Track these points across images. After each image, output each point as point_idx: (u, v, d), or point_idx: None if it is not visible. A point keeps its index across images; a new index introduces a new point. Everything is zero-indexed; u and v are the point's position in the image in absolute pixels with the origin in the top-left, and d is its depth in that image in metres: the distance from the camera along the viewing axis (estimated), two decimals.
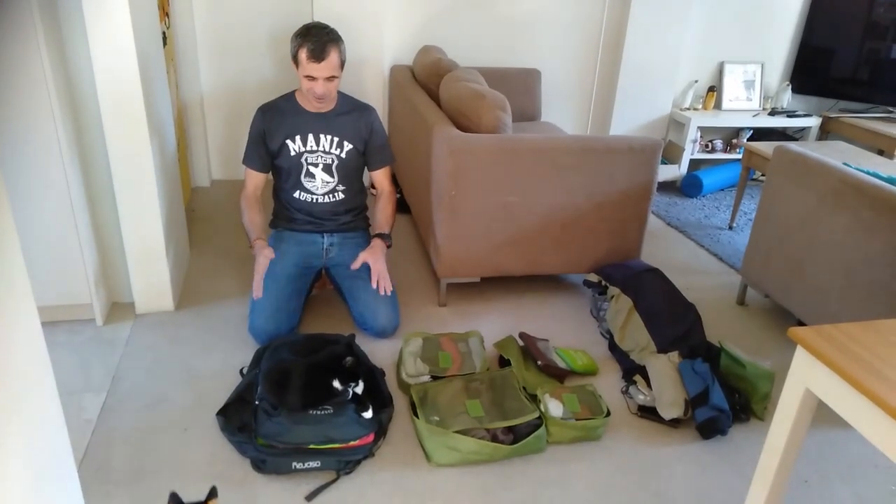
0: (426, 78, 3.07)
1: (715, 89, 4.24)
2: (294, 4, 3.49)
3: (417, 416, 1.88)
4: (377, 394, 1.96)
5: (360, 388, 1.85)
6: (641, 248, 2.69)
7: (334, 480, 1.74)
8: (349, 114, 2.37)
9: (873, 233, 2.06)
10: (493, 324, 2.52)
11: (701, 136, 4.22)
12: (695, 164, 4.31)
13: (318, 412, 1.77)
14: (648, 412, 2.07)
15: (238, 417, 1.85)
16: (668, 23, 3.90)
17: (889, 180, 2.18)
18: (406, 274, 2.85)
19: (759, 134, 4.30)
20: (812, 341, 1.24)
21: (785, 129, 4.32)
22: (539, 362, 2.18)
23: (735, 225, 3.65)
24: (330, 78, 2.21)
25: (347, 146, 2.37)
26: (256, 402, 1.82)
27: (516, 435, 1.85)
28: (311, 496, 1.69)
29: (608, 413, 1.98)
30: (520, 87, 3.77)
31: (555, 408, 1.95)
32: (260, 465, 1.75)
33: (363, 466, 1.80)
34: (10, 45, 1.93)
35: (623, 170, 2.50)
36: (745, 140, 4.24)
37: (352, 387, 1.82)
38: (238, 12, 3.48)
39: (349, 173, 2.41)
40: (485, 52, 3.87)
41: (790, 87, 4.30)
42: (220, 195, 3.62)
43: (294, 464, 1.74)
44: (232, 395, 1.97)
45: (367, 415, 1.80)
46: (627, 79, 4.00)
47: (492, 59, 3.89)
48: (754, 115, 4.19)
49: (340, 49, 2.22)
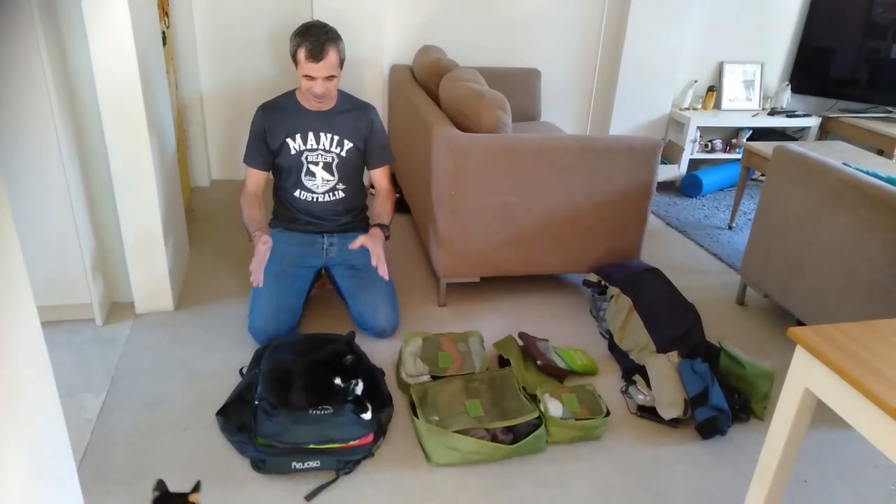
0: (426, 78, 3.07)
1: (714, 89, 4.24)
2: (294, 4, 3.49)
3: (417, 416, 1.88)
4: (377, 394, 1.96)
5: (360, 388, 1.85)
6: (641, 247, 2.69)
7: (334, 480, 1.74)
8: (349, 112, 2.37)
9: (873, 233, 2.06)
10: (493, 324, 2.52)
11: (700, 136, 4.22)
12: (694, 163, 4.31)
13: (317, 412, 1.77)
14: (648, 412, 2.07)
15: (238, 417, 1.85)
16: (667, 22, 3.90)
17: (888, 180, 2.18)
18: (406, 274, 2.85)
19: (759, 134, 4.30)
20: (811, 341, 1.24)
21: (784, 129, 4.32)
22: (539, 362, 2.18)
23: (735, 225, 3.65)
24: (329, 77, 2.21)
25: (348, 145, 2.36)
26: (256, 402, 1.82)
27: (516, 435, 1.85)
28: (310, 496, 1.69)
29: (608, 413, 1.98)
30: (519, 87, 3.77)
31: (554, 408, 1.95)
32: (259, 465, 1.75)
33: (363, 466, 1.80)
34: (9, 45, 1.93)
35: (623, 170, 2.50)
36: (744, 140, 4.24)
37: (353, 384, 1.83)
38: (238, 12, 3.48)
39: (349, 172, 2.41)
40: (484, 51, 3.87)
41: (790, 86, 4.30)
42: (220, 195, 3.62)
43: (294, 464, 1.74)
44: (232, 395, 1.97)
45: (366, 416, 1.80)
46: (627, 78, 4.00)
47: (491, 58, 3.89)
48: (754, 115, 4.19)
49: (339, 48, 2.22)
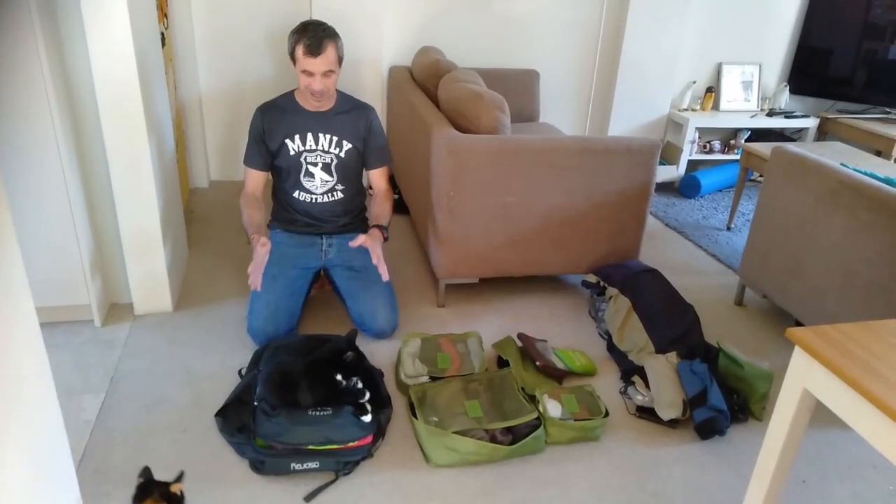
0: (425, 79, 3.07)
1: (713, 90, 4.25)
2: (292, 5, 3.49)
3: (416, 417, 1.88)
4: (376, 395, 1.96)
5: (360, 387, 1.85)
6: (640, 248, 2.69)
7: (333, 481, 1.74)
8: (348, 113, 2.37)
9: (871, 233, 2.07)
10: (492, 324, 2.53)
11: (699, 137, 4.22)
12: (693, 164, 4.32)
13: (317, 413, 1.77)
14: (647, 413, 2.07)
15: (237, 418, 1.85)
16: (666, 23, 3.91)
17: (886, 181, 2.19)
18: (405, 275, 2.85)
19: (757, 135, 4.30)
20: (810, 342, 1.24)
21: (783, 129, 4.33)
22: (537, 363, 2.18)
23: (733, 225, 3.66)
24: (327, 73, 2.20)
25: (347, 145, 2.36)
26: (255, 403, 1.82)
27: (515, 435, 1.85)
28: (309, 497, 1.69)
29: (606, 413, 1.98)
30: (518, 88, 3.77)
31: (553, 408, 1.95)
32: (259, 466, 1.75)
33: (362, 467, 1.80)
34: (8, 46, 1.93)
35: (621, 170, 2.50)
36: (743, 141, 4.24)
37: (354, 382, 1.82)
38: (236, 13, 3.48)
39: (348, 173, 2.41)
40: (483, 52, 3.88)
41: (788, 87, 4.30)
42: (219, 196, 3.62)
43: (293, 465, 1.74)
44: (231, 396, 1.97)
45: (366, 418, 1.80)
46: (626, 79, 4.00)
47: (490, 59, 3.89)
48: (752, 116, 4.20)
49: (337, 45, 2.21)
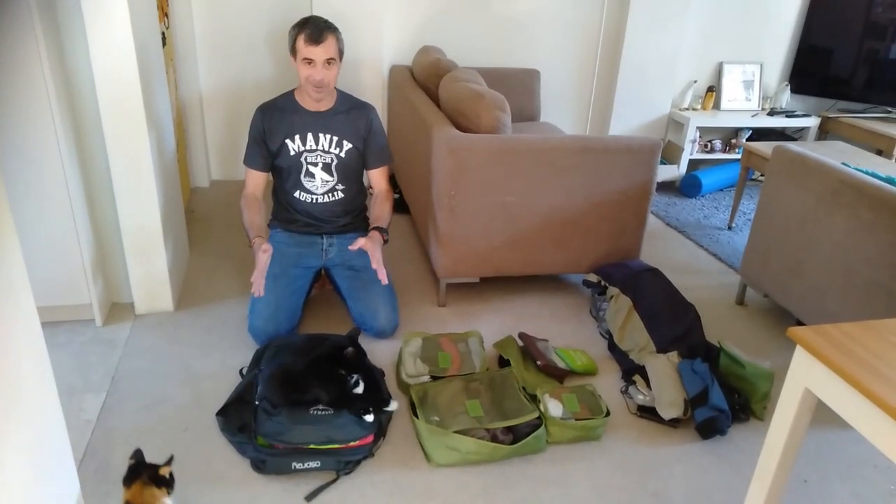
0: (425, 78, 3.07)
1: (714, 89, 4.24)
2: (293, 4, 3.49)
3: (417, 417, 1.88)
4: (377, 394, 1.96)
5: (360, 389, 1.85)
6: (641, 248, 2.69)
7: (334, 481, 1.74)
8: (348, 112, 2.37)
9: (872, 232, 2.06)
10: (493, 324, 2.52)
11: (700, 137, 4.22)
12: (694, 164, 4.31)
13: (318, 412, 1.77)
14: (648, 412, 2.07)
15: (238, 418, 1.85)
16: (666, 23, 3.90)
17: (888, 180, 2.18)
18: (405, 274, 2.85)
19: (758, 134, 4.30)
20: (811, 341, 1.24)
21: (784, 129, 4.33)
22: (538, 362, 2.18)
23: (734, 225, 3.65)
24: (329, 62, 2.20)
25: (347, 145, 2.36)
26: (256, 403, 1.82)
27: (516, 435, 1.85)
28: (310, 496, 1.69)
29: (608, 413, 1.98)
30: (519, 88, 3.77)
31: (554, 408, 1.95)
32: (260, 466, 1.75)
33: (363, 467, 1.80)
34: (9, 45, 1.93)
35: (622, 170, 2.50)
36: (744, 140, 4.24)
37: (354, 379, 1.82)
38: (237, 12, 3.48)
39: (349, 173, 2.41)
40: (484, 52, 3.87)
41: (789, 87, 4.30)
42: (220, 196, 3.62)
43: (294, 464, 1.74)
44: (231, 395, 1.97)
45: (368, 418, 1.80)
46: (626, 79, 4.00)
47: (491, 59, 3.89)
48: (753, 116, 4.20)
49: (338, 37, 2.22)
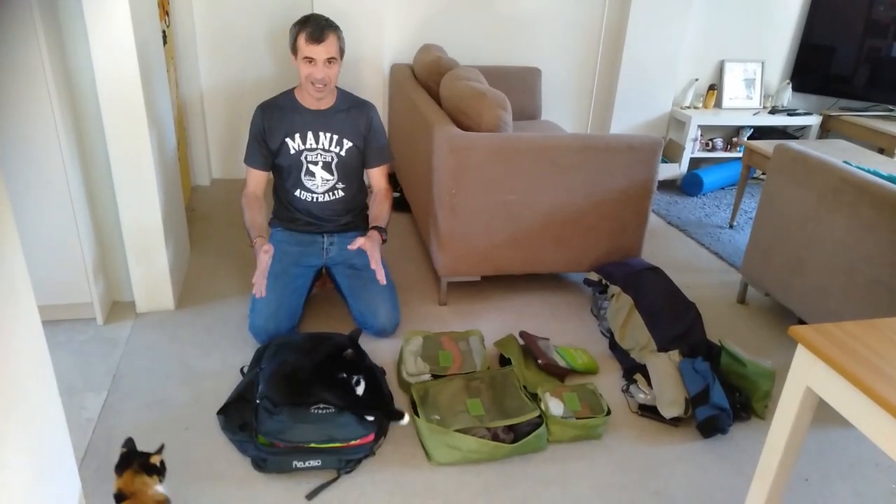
0: (426, 76, 3.06)
1: (715, 88, 4.24)
2: (294, 2, 3.49)
3: (418, 415, 1.88)
4: (378, 393, 1.96)
5: (361, 388, 1.85)
6: (642, 246, 2.69)
7: (335, 479, 1.74)
8: (348, 111, 2.37)
9: (874, 231, 2.06)
10: (494, 322, 2.52)
11: (701, 135, 4.22)
12: (695, 162, 4.31)
13: (319, 411, 1.77)
14: (649, 411, 2.07)
15: (239, 416, 1.85)
16: (668, 21, 3.90)
17: (889, 179, 2.18)
18: (406, 273, 2.85)
19: (760, 132, 4.29)
20: (813, 340, 1.23)
21: (785, 127, 4.32)
22: (539, 361, 2.18)
23: (735, 223, 3.65)
24: (330, 61, 2.19)
25: (347, 144, 2.36)
26: (257, 401, 1.82)
27: (517, 434, 1.85)
28: (311, 495, 1.69)
29: (609, 412, 1.98)
30: (520, 86, 3.77)
31: (555, 406, 1.95)
32: (260, 464, 1.75)
33: (364, 465, 1.80)
34: (10, 44, 1.93)
35: (623, 168, 2.50)
36: (745, 138, 4.23)
37: (355, 379, 1.82)
38: (238, 10, 3.48)
39: (349, 171, 2.40)
40: (485, 50, 3.87)
41: (790, 85, 4.29)
42: (221, 194, 3.62)
43: (295, 462, 1.74)
44: (232, 394, 1.97)
45: (369, 417, 1.80)
46: (628, 77, 4.00)
47: (492, 57, 3.89)
48: (755, 114, 4.19)
49: (339, 36, 2.21)
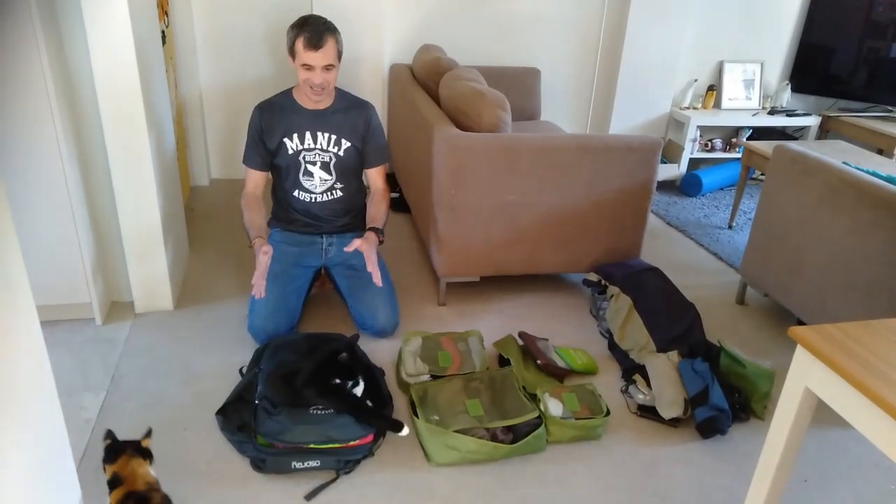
0: (426, 76, 3.06)
1: (714, 88, 4.24)
2: (293, 2, 3.48)
3: (417, 416, 1.88)
4: (377, 393, 1.96)
5: (359, 389, 1.85)
6: (641, 247, 2.69)
7: (334, 480, 1.74)
8: (347, 111, 2.36)
9: (872, 232, 2.06)
10: (493, 323, 2.52)
11: (700, 135, 4.22)
12: (694, 163, 4.31)
13: (318, 411, 1.77)
14: (648, 411, 2.07)
15: (237, 417, 1.85)
16: (667, 22, 3.90)
17: (888, 179, 2.18)
18: (405, 273, 2.85)
19: (759, 133, 4.30)
20: (812, 340, 1.24)
21: (784, 128, 4.32)
22: (539, 361, 2.17)
23: (735, 224, 3.65)
24: (328, 67, 2.19)
25: (346, 144, 2.36)
26: (256, 402, 1.82)
27: (516, 434, 1.85)
28: (310, 496, 1.69)
29: (608, 412, 1.98)
30: (519, 86, 3.77)
31: (554, 407, 1.94)
32: (259, 465, 1.75)
33: (363, 466, 1.80)
34: (9, 44, 1.93)
35: (622, 169, 2.50)
36: (744, 139, 4.24)
37: (350, 385, 1.82)
38: (237, 11, 3.48)
39: (347, 172, 2.40)
40: (484, 51, 3.87)
41: (790, 86, 4.29)
42: (220, 194, 3.62)
43: (294, 463, 1.73)
44: (231, 394, 1.97)
45: (369, 427, 1.80)
46: (627, 78, 4.00)
47: (491, 57, 3.89)
48: (754, 115, 4.19)
49: (337, 39, 2.20)
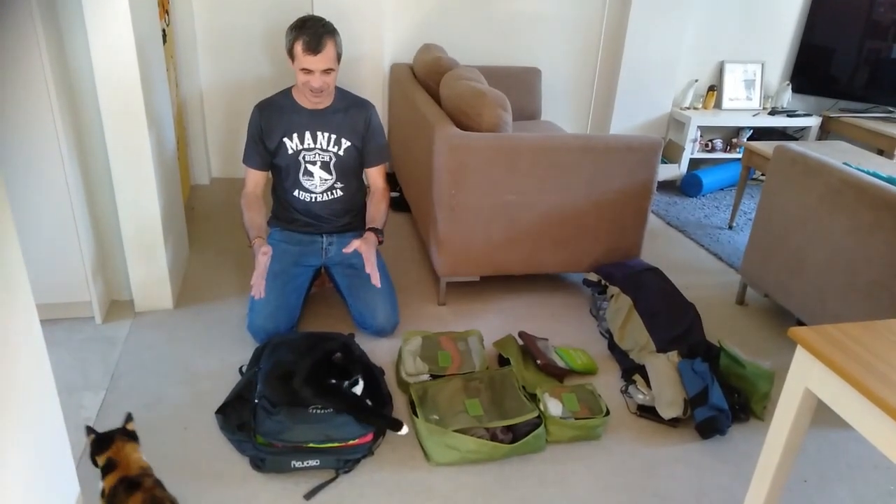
0: (426, 76, 3.06)
1: (715, 88, 4.24)
2: (294, 1, 3.48)
3: (417, 415, 1.88)
4: (376, 392, 1.96)
5: (359, 389, 1.85)
6: (641, 247, 2.69)
7: (333, 479, 1.74)
8: (346, 110, 2.35)
9: (873, 232, 2.06)
10: (493, 323, 2.52)
11: (701, 136, 4.22)
12: (695, 163, 4.31)
13: (318, 411, 1.77)
14: (648, 412, 2.07)
15: (237, 416, 1.85)
16: (668, 22, 3.90)
17: (889, 180, 2.18)
18: (405, 273, 2.85)
19: (759, 133, 4.29)
20: (812, 341, 1.24)
21: (785, 128, 4.32)
22: (538, 361, 2.17)
23: (735, 224, 3.65)
24: (327, 71, 2.18)
25: (345, 143, 2.35)
26: (256, 401, 1.82)
27: (515, 434, 1.85)
28: (309, 495, 1.69)
29: (607, 412, 1.98)
30: (520, 86, 3.77)
31: (554, 407, 1.94)
32: (259, 464, 1.75)
33: (362, 465, 1.80)
34: (9, 43, 1.93)
35: (623, 169, 2.50)
36: (745, 139, 4.23)
37: (347, 385, 1.82)
38: (238, 9, 3.48)
39: (347, 171, 2.40)
40: (485, 50, 3.87)
41: (790, 86, 4.29)
42: (220, 193, 3.62)
43: (293, 462, 1.73)
44: (231, 393, 1.97)
45: (369, 426, 1.80)
46: (627, 77, 3.99)
47: (492, 57, 3.89)
48: (754, 115, 4.19)
49: (337, 42, 2.19)
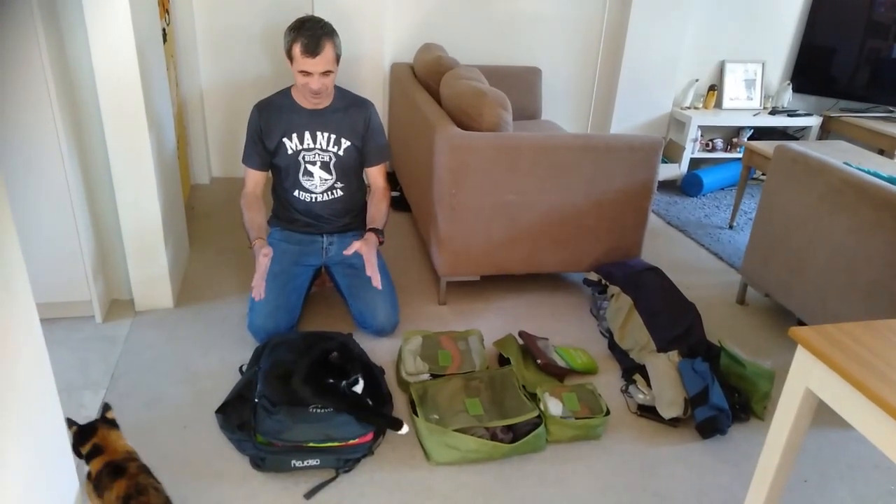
0: (427, 76, 3.06)
1: (716, 88, 4.24)
2: (294, 1, 3.48)
3: (417, 415, 1.88)
4: (377, 392, 1.96)
5: (359, 388, 1.85)
6: (642, 246, 2.69)
7: (333, 479, 1.74)
8: (346, 110, 2.35)
9: (873, 232, 2.06)
10: (493, 322, 2.52)
11: (701, 135, 4.21)
12: (695, 163, 4.31)
13: (318, 410, 1.77)
14: (648, 411, 2.07)
15: (237, 415, 1.85)
16: (668, 21, 3.90)
17: (890, 180, 2.18)
18: (406, 272, 2.85)
19: (760, 133, 4.29)
20: (812, 341, 1.23)
21: (785, 128, 4.32)
22: (539, 361, 2.17)
23: (735, 224, 3.65)
24: (325, 73, 2.17)
25: (345, 143, 2.35)
26: (256, 400, 1.82)
27: (516, 433, 1.85)
28: (309, 494, 1.69)
29: (608, 412, 1.98)
30: (520, 86, 3.77)
31: (554, 406, 1.94)
32: (259, 463, 1.75)
33: (362, 465, 1.80)
34: (9, 42, 1.92)
35: (623, 168, 2.50)
36: (745, 139, 4.23)
37: (345, 384, 1.82)
38: (238, 9, 3.48)
39: (347, 171, 2.39)
40: (485, 50, 3.87)
41: (791, 86, 4.29)
42: (220, 193, 3.62)
43: (293, 462, 1.73)
44: (231, 393, 1.97)
45: (369, 426, 1.80)
46: (628, 77, 3.99)
47: (492, 57, 3.89)
48: (755, 115, 4.19)
49: (335, 43, 2.18)
